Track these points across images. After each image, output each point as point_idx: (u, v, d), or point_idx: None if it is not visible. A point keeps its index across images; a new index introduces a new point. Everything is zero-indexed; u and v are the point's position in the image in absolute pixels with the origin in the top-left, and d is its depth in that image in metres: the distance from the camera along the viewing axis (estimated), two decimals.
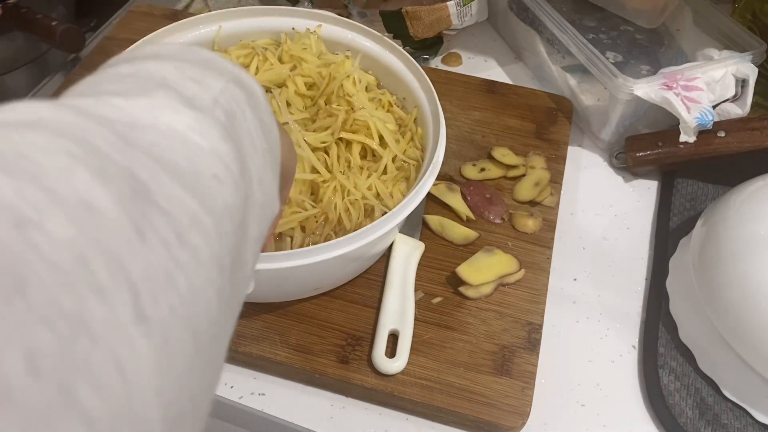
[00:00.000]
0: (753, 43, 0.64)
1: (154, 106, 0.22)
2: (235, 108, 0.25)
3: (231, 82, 0.26)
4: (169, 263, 0.18)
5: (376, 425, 0.49)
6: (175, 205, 0.19)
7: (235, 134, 0.24)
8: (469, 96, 0.69)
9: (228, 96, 0.25)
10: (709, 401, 0.50)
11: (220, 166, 0.22)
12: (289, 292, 0.51)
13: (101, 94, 0.22)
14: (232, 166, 0.22)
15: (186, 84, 0.24)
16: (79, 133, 0.18)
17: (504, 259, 0.55)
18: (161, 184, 0.19)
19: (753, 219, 0.50)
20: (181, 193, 0.19)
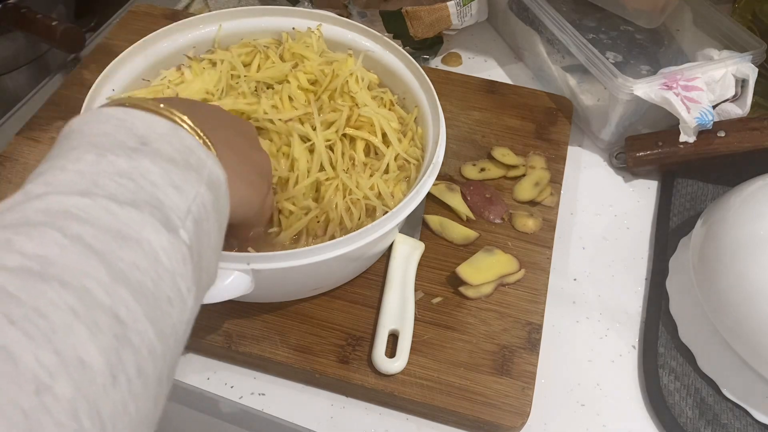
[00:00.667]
0: (753, 43, 0.64)
1: (141, 222, 0.28)
2: (203, 214, 0.32)
3: (204, 185, 0.32)
4: (127, 397, 0.24)
5: (376, 425, 0.49)
6: (141, 339, 0.25)
7: (197, 241, 0.31)
8: (469, 96, 0.69)
9: (199, 203, 0.31)
10: (709, 401, 0.50)
11: (174, 289, 0.28)
12: (289, 292, 0.51)
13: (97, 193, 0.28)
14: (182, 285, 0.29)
15: (168, 192, 0.30)
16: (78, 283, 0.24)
17: (504, 259, 0.55)
18: (134, 319, 0.25)
19: (753, 219, 0.50)
20: (146, 326, 0.26)
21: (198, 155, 0.33)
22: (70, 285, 0.24)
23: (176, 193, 0.30)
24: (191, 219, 0.31)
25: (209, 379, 0.50)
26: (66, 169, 0.29)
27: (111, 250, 0.26)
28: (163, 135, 0.32)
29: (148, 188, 0.30)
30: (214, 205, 0.33)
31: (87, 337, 0.23)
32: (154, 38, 0.56)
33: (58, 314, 0.23)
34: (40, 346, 0.22)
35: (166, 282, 0.28)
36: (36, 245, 0.25)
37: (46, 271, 0.24)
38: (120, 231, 0.27)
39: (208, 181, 0.33)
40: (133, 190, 0.29)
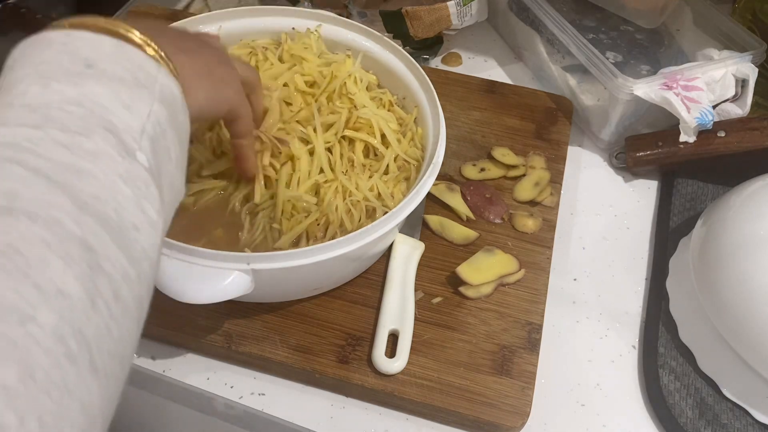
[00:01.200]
0: (753, 43, 0.64)
1: (95, 152, 0.28)
2: (158, 132, 0.31)
3: (156, 102, 0.32)
4: (108, 320, 0.25)
5: (376, 425, 0.49)
6: (113, 266, 0.26)
7: (155, 159, 0.31)
8: (469, 96, 0.69)
9: (153, 120, 0.31)
10: (709, 401, 0.50)
11: (138, 215, 0.28)
12: (289, 292, 0.51)
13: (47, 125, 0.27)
14: (148, 209, 0.29)
15: (120, 114, 0.29)
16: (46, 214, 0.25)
17: (504, 259, 0.55)
18: (104, 246, 0.26)
19: (753, 219, 0.50)
20: (116, 251, 0.26)
21: (147, 71, 0.32)
22: (39, 217, 0.24)
23: (128, 114, 0.30)
24: (147, 138, 0.30)
25: (209, 379, 0.50)
26: (13, 105, 0.28)
27: (71, 182, 0.26)
28: (109, 54, 0.31)
29: (99, 112, 0.29)
30: (170, 120, 0.32)
31: (62, 268, 0.24)
32: None
33: (31, 248, 0.23)
34: (18, 281, 0.22)
35: (129, 209, 0.28)
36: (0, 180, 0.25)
37: (13, 205, 0.24)
38: (75, 164, 0.27)
39: (160, 97, 0.32)
40: (83, 116, 0.28)
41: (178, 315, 0.50)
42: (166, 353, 0.51)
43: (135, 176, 0.29)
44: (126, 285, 0.27)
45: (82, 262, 0.25)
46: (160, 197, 0.30)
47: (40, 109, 0.28)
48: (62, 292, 0.23)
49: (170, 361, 0.51)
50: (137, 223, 0.28)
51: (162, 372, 0.50)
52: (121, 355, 0.26)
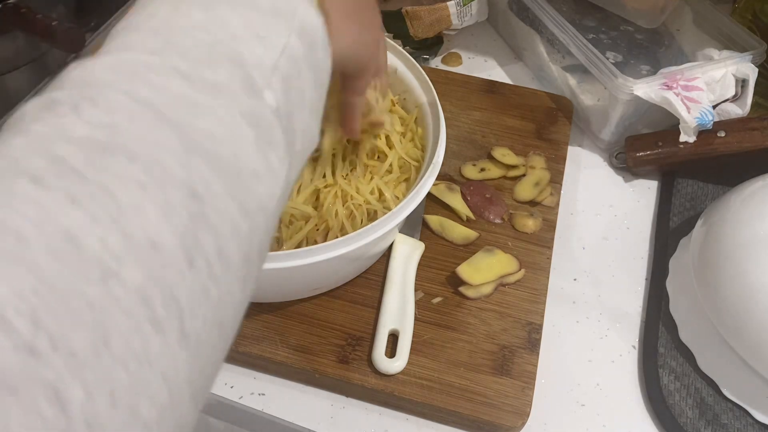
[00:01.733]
0: (753, 43, 0.64)
1: (218, 85, 0.25)
2: (293, 70, 0.28)
3: (294, 34, 0.28)
4: (207, 281, 0.22)
5: (376, 425, 0.49)
6: (220, 218, 0.23)
7: (287, 100, 0.27)
8: (469, 96, 0.69)
9: (288, 56, 0.28)
10: (709, 401, 0.50)
11: (261, 160, 0.25)
12: (289, 292, 0.51)
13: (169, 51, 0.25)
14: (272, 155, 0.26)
15: (251, 45, 0.26)
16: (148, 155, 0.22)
17: (504, 259, 0.55)
18: (213, 194, 0.23)
19: (753, 219, 0.50)
20: (226, 201, 0.23)
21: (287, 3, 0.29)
22: (139, 157, 0.21)
23: (260, 46, 0.27)
24: (279, 76, 0.27)
25: None
26: (139, 27, 0.26)
27: (184, 119, 0.23)
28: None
29: (228, 42, 0.26)
30: (307, 57, 0.29)
31: (158, 216, 0.21)
32: None
33: (125, 192, 0.20)
34: (105, 228, 0.20)
35: (250, 153, 0.25)
36: (102, 111, 0.22)
37: (114, 141, 0.21)
38: (193, 98, 0.24)
39: (299, 30, 0.29)
40: (210, 44, 0.26)
41: None
42: None
43: (260, 116, 0.26)
44: (234, 240, 0.23)
45: (183, 211, 0.21)
46: (286, 143, 0.27)
47: (164, 33, 0.26)
48: (155, 245, 0.20)
49: None
50: (258, 169, 0.25)
51: None
52: (221, 320, 0.23)
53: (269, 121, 0.26)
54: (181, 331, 0.21)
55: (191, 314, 0.21)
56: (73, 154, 0.21)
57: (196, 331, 0.21)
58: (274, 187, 0.26)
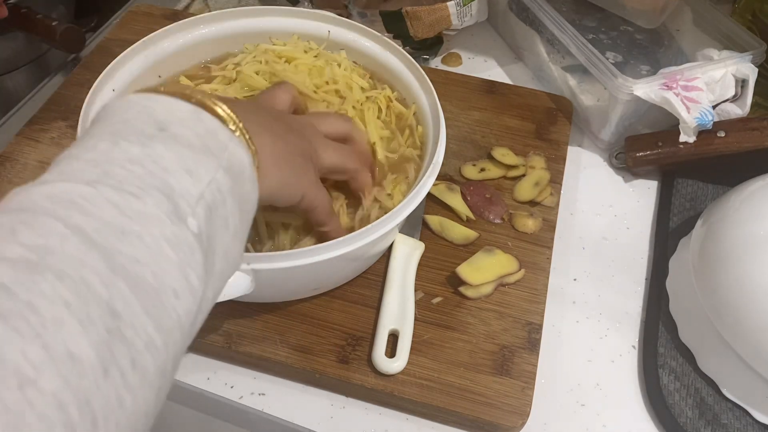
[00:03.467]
0: (753, 43, 0.64)
1: (145, 214, 0.28)
2: (218, 199, 0.31)
3: (221, 170, 0.32)
4: (122, 390, 0.24)
5: (376, 425, 0.49)
6: (136, 333, 0.25)
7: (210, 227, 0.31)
8: (469, 96, 0.69)
9: (214, 188, 0.31)
10: (709, 401, 0.50)
11: (180, 281, 0.28)
12: (289, 292, 0.51)
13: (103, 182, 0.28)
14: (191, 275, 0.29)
15: (180, 178, 0.30)
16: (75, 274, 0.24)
17: (504, 259, 0.55)
18: (131, 312, 0.25)
19: (753, 219, 0.50)
20: (143, 319, 0.26)
21: (219, 138, 0.33)
22: (67, 276, 0.24)
23: (189, 179, 0.30)
24: (203, 205, 0.30)
25: (209, 379, 0.50)
26: (80, 158, 0.29)
27: (111, 244, 0.26)
28: (183, 119, 0.32)
29: (159, 174, 0.29)
30: (232, 189, 0.32)
31: (78, 331, 0.23)
32: (154, 38, 0.56)
33: (50, 308, 0.23)
34: (27, 341, 0.22)
35: (171, 274, 0.27)
36: (37, 235, 0.25)
37: (44, 261, 0.24)
38: (121, 224, 0.27)
39: (227, 165, 0.32)
40: (142, 176, 0.29)
41: None
42: None
43: (182, 241, 0.28)
44: (149, 354, 0.26)
45: (101, 326, 0.24)
46: (204, 265, 0.30)
47: (101, 165, 0.29)
48: (72, 357, 0.23)
49: None
50: (177, 288, 0.28)
51: None
52: (134, 426, 0.25)
53: (191, 244, 0.29)
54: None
55: (105, 420, 0.23)
56: (5, 272, 0.23)
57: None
58: (192, 304, 0.29)
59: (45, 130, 0.63)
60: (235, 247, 0.34)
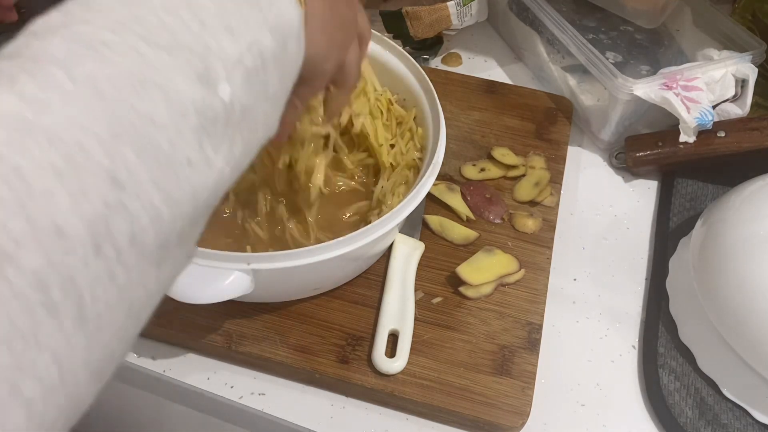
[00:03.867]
0: (753, 43, 0.64)
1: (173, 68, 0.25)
2: (258, 64, 0.28)
3: (266, 30, 0.28)
4: (116, 267, 0.22)
5: (376, 425, 0.49)
6: (141, 205, 0.23)
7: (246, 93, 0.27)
8: (469, 96, 0.69)
9: (255, 51, 0.28)
10: (709, 401, 0.50)
11: (196, 150, 0.25)
12: (289, 292, 0.51)
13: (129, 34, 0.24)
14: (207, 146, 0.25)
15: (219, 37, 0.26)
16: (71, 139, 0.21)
17: (504, 259, 0.55)
18: (136, 183, 0.22)
19: (753, 219, 0.50)
20: (150, 189, 0.23)
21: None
22: (61, 141, 0.21)
23: (228, 38, 0.27)
24: (241, 69, 0.27)
25: (209, 379, 0.50)
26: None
27: (125, 96, 0.23)
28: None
29: (196, 29, 0.26)
30: (276, 52, 0.29)
31: (68, 204, 0.21)
32: None
33: (39, 176, 0.20)
34: (10, 212, 0.20)
35: (188, 141, 0.25)
36: (38, 86, 0.22)
37: (39, 120, 0.21)
38: (143, 76, 0.24)
39: (274, 24, 0.29)
40: (176, 30, 0.25)
41: (178, 315, 0.50)
42: (166, 353, 0.51)
43: (208, 107, 0.25)
44: (152, 228, 0.23)
45: (97, 199, 0.21)
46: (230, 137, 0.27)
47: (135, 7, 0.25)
48: (60, 232, 0.20)
49: (170, 361, 0.51)
50: (193, 158, 0.25)
51: (162, 372, 0.50)
52: (128, 303, 0.23)
53: (217, 113, 0.26)
54: (79, 315, 0.21)
55: (92, 298, 0.21)
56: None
57: (97, 315, 0.21)
58: (209, 177, 0.26)
59: None
60: (272, 114, 0.31)
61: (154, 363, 0.51)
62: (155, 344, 0.51)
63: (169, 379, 0.50)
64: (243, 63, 0.27)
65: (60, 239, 0.20)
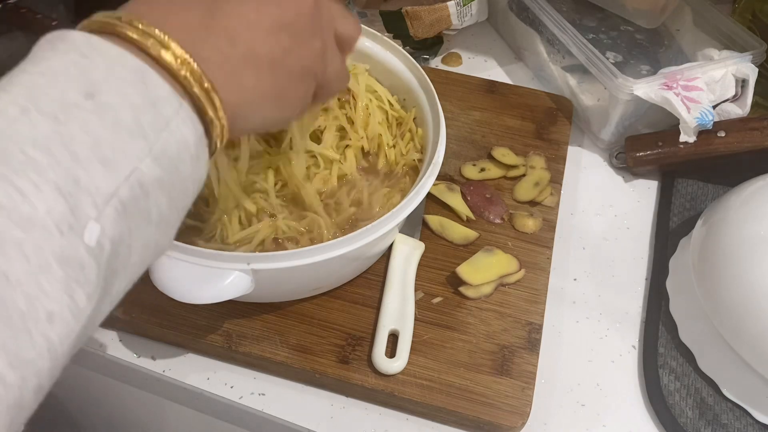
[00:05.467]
0: (753, 43, 0.64)
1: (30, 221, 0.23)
2: (137, 194, 0.27)
3: (149, 158, 0.27)
4: None
5: (376, 425, 0.49)
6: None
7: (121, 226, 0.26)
8: (469, 96, 0.69)
9: (134, 181, 0.26)
10: (709, 401, 0.50)
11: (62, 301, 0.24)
12: (289, 292, 0.51)
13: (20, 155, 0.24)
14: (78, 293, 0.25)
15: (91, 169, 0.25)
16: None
17: (504, 259, 0.55)
18: None
19: (753, 219, 0.50)
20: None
21: (161, 112, 0.27)
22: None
23: (102, 171, 0.25)
24: (116, 203, 0.26)
25: (209, 379, 0.50)
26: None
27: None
28: (123, 81, 0.27)
29: (66, 163, 0.24)
30: (161, 178, 0.28)
31: None
32: None
33: None
34: None
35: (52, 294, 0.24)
36: None
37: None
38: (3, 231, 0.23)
39: (160, 151, 0.27)
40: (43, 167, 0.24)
41: (178, 315, 0.50)
42: (166, 353, 0.51)
43: (72, 256, 0.24)
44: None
45: None
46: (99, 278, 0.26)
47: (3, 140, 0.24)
48: None
49: (170, 361, 0.51)
50: (55, 311, 0.24)
51: (162, 372, 0.50)
52: None
53: (82, 259, 0.25)
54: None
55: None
56: None
57: None
58: (73, 325, 0.25)
59: None
60: (163, 234, 0.30)
61: (154, 363, 0.51)
62: (155, 344, 0.51)
63: (169, 379, 0.50)
64: (118, 195, 0.26)
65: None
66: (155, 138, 0.27)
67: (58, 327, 0.24)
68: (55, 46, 0.28)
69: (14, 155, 0.24)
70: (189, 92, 0.29)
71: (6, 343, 0.22)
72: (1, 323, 0.22)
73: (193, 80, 0.29)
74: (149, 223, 0.28)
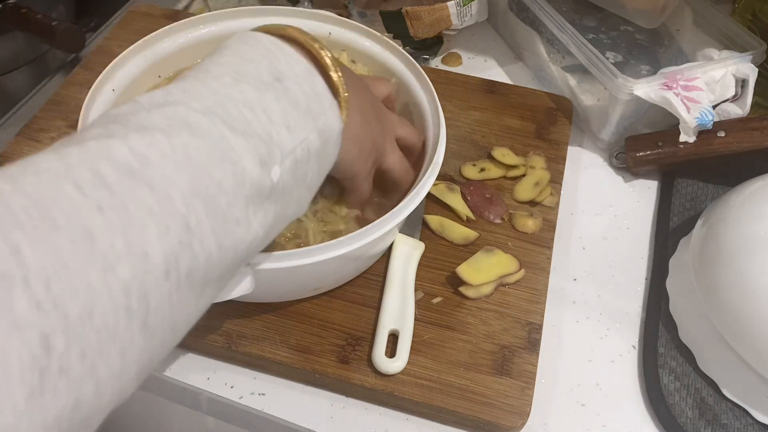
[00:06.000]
0: (753, 43, 0.64)
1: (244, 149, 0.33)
2: (304, 156, 0.36)
3: (315, 132, 0.37)
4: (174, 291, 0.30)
5: (376, 425, 0.49)
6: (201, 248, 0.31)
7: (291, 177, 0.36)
8: (469, 96, 0.69)
9: (304, 146, 0.36)
10: (709, 401, 0.50)
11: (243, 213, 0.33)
12: (289, 292, 0.51)
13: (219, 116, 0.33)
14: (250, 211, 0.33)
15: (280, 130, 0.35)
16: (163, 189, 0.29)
17: (504, 259, 0.55)
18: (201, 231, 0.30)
19: (753, 219, 0.50)
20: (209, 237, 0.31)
21: (322, 103, 0.38)
22: (156, 189, 0.28)
23: (287, 133, 0.35)
24: (291, 158, 0.35)
25: (209, 379, 0.50)
26: (205, 82, 0.34)
27: (205, 166, 0.31)
28: (299, 76, 0.37)
29: (264, 122, 0.34)
30: (318, 150, 0.37)
31: (155, 236, 0.28)
32: (154, 38, 0.56)
33: (138, 212, 0.27)
34: (116, 234, 0.26)
35: (239, 206, 0.32)
36: (145, 143, 0.29)
37: (143, 171, 0.28)
38: (223, 152, 0.32)
39: (321, 129, 0.37)
40: (250, 120, 0.34)
41: None
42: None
43: (260, 185, 0.33)
44: (204, 267, 0.30)
45: (174, 237, 0.28)
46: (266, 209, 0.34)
47: (220, 97, 0.33)
48: (146, 256, 0.27)
49: (170, 360, 0.51)
50: (240, 219, 0.32)
51: (162, 372, 0.50)
52: (174, 320, 0.30)
53: (264, 189, 0.34)
54: (144, 322, 0.27)
55: (155, 311, 0.28)
56: (110, 173, 0.28)
57: (154, 325, 0.28)
58: (248, 234, 0.33)
59: (45, 130, 0.63)
60: (306, 197, 0.39)
61: None
62: None
63: (169, 379, 0.50)
64: (294, 153, 0.35)
65: (145, 261, 0.27)
66: (318, 119, 0.37)
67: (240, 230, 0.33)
68: (246, 42, 0.38)
69: (231, 109, 0.33)
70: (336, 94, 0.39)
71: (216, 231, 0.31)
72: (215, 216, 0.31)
73: (339, 85, 0.40)
74: (303, 183, 0.37)
